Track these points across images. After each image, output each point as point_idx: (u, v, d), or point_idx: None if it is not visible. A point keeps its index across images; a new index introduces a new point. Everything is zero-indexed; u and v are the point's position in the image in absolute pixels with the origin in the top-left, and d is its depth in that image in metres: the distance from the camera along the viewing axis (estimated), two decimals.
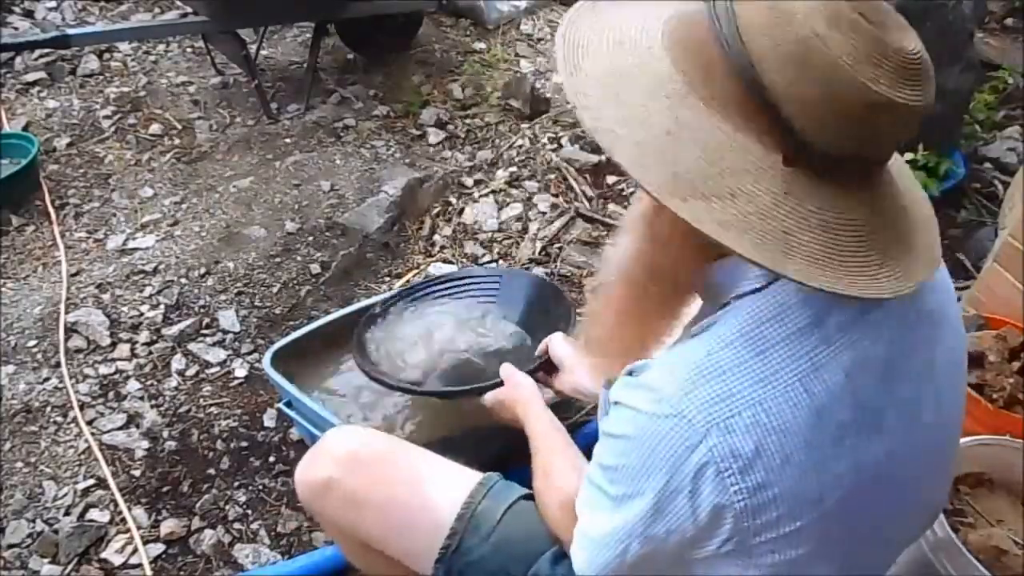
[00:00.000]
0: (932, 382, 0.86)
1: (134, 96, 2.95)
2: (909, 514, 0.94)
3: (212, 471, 1.82)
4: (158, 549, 1.67)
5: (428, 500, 1.16)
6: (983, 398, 1.59)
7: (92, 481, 1.78)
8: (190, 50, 3.23)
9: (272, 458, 1.85)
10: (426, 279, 1.97)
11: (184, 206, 2.50)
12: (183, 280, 2.24)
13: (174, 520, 1.71)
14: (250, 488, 1.79)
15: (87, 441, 1.85)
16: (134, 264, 2.28)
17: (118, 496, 1.75)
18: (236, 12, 2.73)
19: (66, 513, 1.72)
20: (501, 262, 2.36)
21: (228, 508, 1.75)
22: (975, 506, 1.44)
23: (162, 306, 2.16)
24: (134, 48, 3.19)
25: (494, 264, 2.34)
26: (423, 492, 1.16)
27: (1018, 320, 1.73)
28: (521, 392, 1.33)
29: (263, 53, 3.17)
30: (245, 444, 1.87)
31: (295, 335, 1.76)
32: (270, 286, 2.25)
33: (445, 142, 2.84)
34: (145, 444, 1.86)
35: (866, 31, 0.70)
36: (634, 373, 0.83)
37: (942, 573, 1.29)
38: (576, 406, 1.69)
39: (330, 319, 1.82)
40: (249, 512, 1.75)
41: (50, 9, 3.37)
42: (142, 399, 1.95)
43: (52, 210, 2.46)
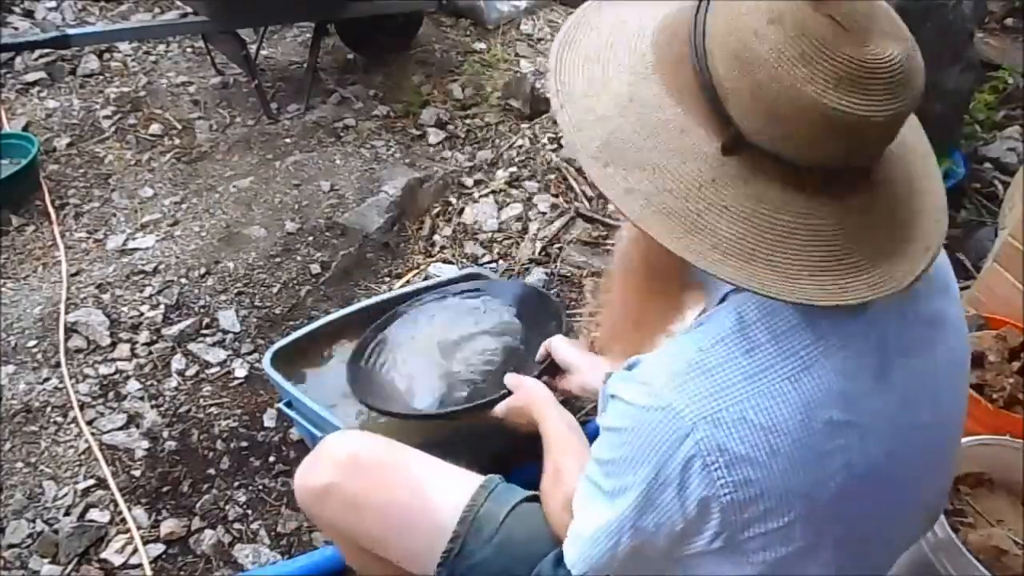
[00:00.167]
0: (931, 383, 0.86)
1: (134, 96, 2.95)
2: (908, 515, 0.94)
3: (212, 471, 1.82)
4: (158, 549, 1.67)
5: (429, 503, 1.16)
6: (983, 398, 1.59)
7: (92, 481, 1.78)
8: (190, 50, 3.23)
9: (272, 458, 1.85)
10: (400, 296, 1.91)
11: (184, 206, 2.50)
12: (183, 280, 2.24)
13: (174, 520, 1.71)
14: (250, 488, 1.79)
15: (87, 441, 1.85)
16: (134, 264, 2.28)
17: (118, 496, 1.75)
18: (236, 12, 2.73)
19: (66, 513, 1.72)
20: (501, 262, 2.36)
21: (228, 508, 1.75)
22: (975, 506, 1.44)
23: (162, 306, 2.16)
24: (134, 48, 3.19)
25: (494, 264, 2.34)
26: (424, 495, 1.16)
27: (1018, 320, 1.73)
28: (534, 396, 1.32)
29: (263, 53, 3.17)
30: (245, 444, 1.87)
31: (295, 335, 1.76)
32: (270, 286, 2.25)
33: (445, 142, 2.84)
34: (145, 444, 1.86)
35: (815, 32, 0.69)
36: (631, 367, 0.84)
37: (942, 573, 1.29)
38: (577, 405, 1.69)
39: (330, 319, 1.82)
40: (249, 512, 1.75)
41: (50, 9, 3.36)
42: (142, 399, 1.95)
43: (52, 210, 2.46)
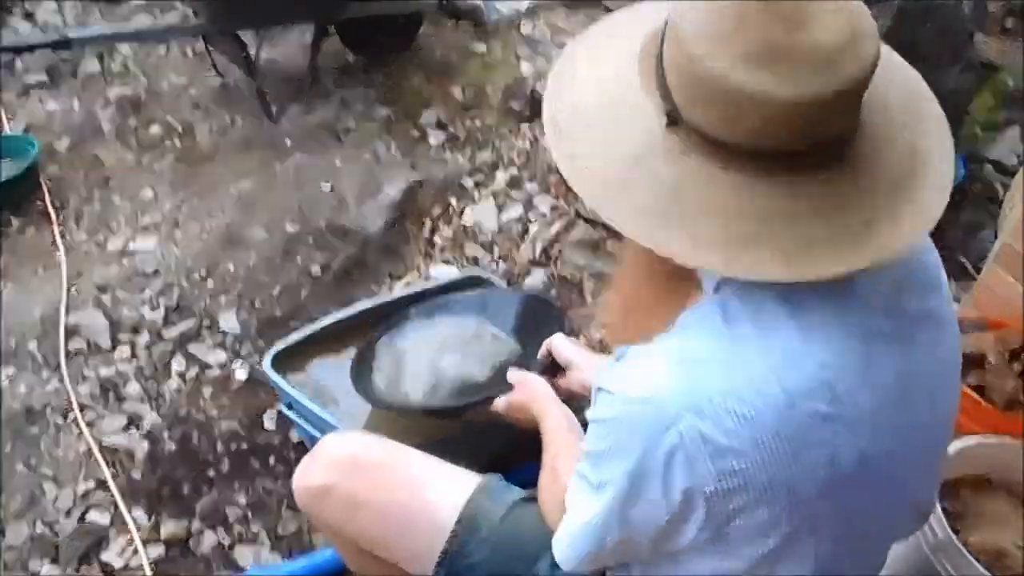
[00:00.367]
0: (921, 381, 0.86)
1: (135, 98, 2.94)
2: (896, 514, 0.94)
3: (212, 473, 1.82)
4: (158, 551, 1.67)
5: (428, 503, 1.16)
6: (983, 399, 1.58)
7: (92, 483, 1.78)
8: (191, 52, 3.23)
9: (272, 460, 1.85)
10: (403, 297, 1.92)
11: (185, 208, 2.50)
12: (183, 282, 2.24)
13: (174, 522, 1.71)
14: (250, 490, 1.79)
15: (87, 443, 1.85)
16: (134, 266, 2.28)
17: (118, 498, 1.75)
18: (236, 14, 2.73)
19: (66, 515, 1.72)
20: (501, 264, 2.36)
21: (228, 510, 1.75)
22: (975, 506, 1.44)
23: (162, 308, 2.16)
24: (135, 50, 3.19)
25: (494, 266, 2.34)
26: (423, 495, 1.17)
27: (1018, 321, 1.72)
28: (536, 392, 1.31)
29: (263, 55, 3.16)
30: (245, 446, 1.87)
31: (296, 337, 1.76)
32: (270, 288, 2.24)
33: (446, 144, 2.84)
34: (145, 446, 1.86)
35: (733, 11, 0.72)
36: (619, 359, 0.84)
37: (942, 574, 1.29)
38: (575, 405, 1.69)
39: (331, 321, 1.83)
40: (249, 514, 1.75)
41: (51, 12, 3.36)
42: (142, 401, 1.95)
43: (52, 212, 2.45)
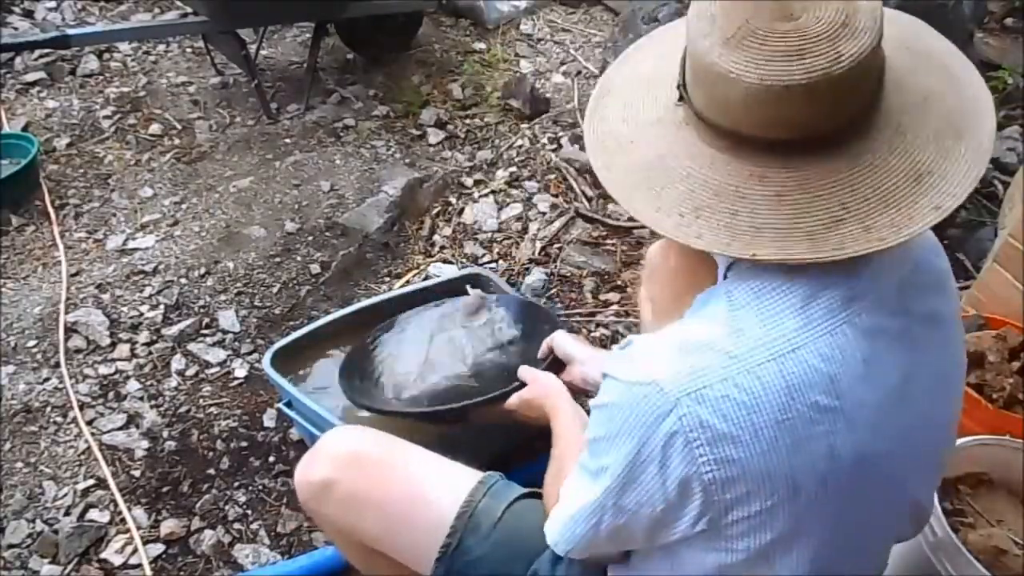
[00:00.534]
0: (925, 381, 0.86)
1: (134, 96, 2.95)
2: (896, 513, 0.94)
3: (212, 471, 1.82)
4: (158, 549, 1.67)
5: (428, 499, 1.16)
6: (983, 398, 1.58)
7: (92, 481, 1.78)
8: (190, 50, 3.23)
9: (272, 458, 1.85)
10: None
11: (184, 206, 2.50)
12: (183, 280, 2.24)
13: (174, 520, 1.71)
14: (250, 488, 1.79)
15: (87, 441, 1.85)
16: (134, 264, 2.28)
17: (118, 496, 1.75)
18: (236, 12, 2.73)
19: (66, 513, 1.72)
20: (501, 262, 2.35)
21: (228, 508, 1.75)
22: (975, 506, 1.44)
23: (162, 306, 2.16)
24: (134, 48, 3.19)
25: (494, 264, 2.34)
26: (423, 491, 1.17)
27: (1018, 320, 1.72)
28: (549, 389, 1.31)
29: (263, 53, 3.17)
30: (245, 444, 1.87)
31: (295, 335, 1.76)
32: (270, 286, 2.24)
33: (445, 142, 2.84)
34: (145, 444, 1.86)
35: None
36: (625, 346, 0.85)
37: (942, 573, 1.29)
38: (578, 400, 1.69)
39: (330, 319, 1.82)
40: (249, 512, 1.75)
41: (50, 9, 3.36)
42: (142, 399, 1.95)
43: (52, 210, 2.46)
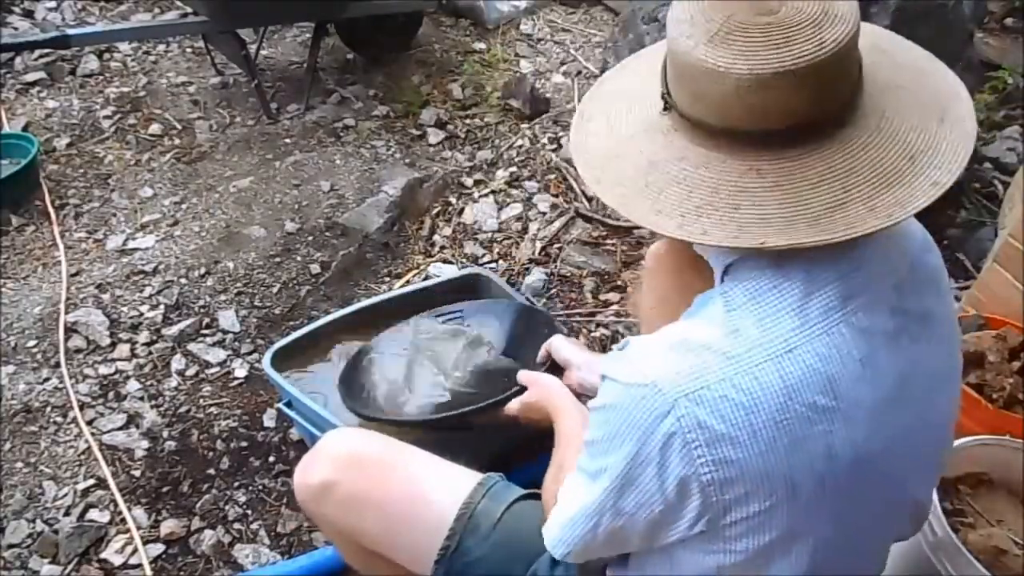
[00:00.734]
0: (922, 380, 0.86)
1: (134, 96, 2.95)
2: (894, 513, 0.94)
3: (212, 471, 1.82)
4: (158, 549, 1.67)
5: (427, 501, 1.16)
6: (983, 398, 1.58)
7: (92, 481, 1.78)
8: (190, 50, 3.23)
9: (272, 458, 1.85)
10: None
11: (184, 206, 2.50)
12: (183, 280, 2.24)
13: (174, 520, 1.71)
14: (250, 488, 1.79)
15: (87, 441, 1.85)
16: (134, 264, 2.28)
17: (118, 496, 1.75)
18: (236, 12, 2.73)
19: (66, 513, 1.72)
20: (501, 262, 2.35)
21: (228, 508, 1.75)
22: (975, 506, 1.44)
23: (162, 306, 2.16)
24: (134, 48, 3.19)
25: (494, 264, 2.34)
26: (422, 493, 1.17)
27: (1018, 320, 1.72)
28: (551, 391, 1.30)
29: (263, 53, 3.17)
30: (245, 444, 1.87)
31: (295, 335, 1.76)
32: (270, 286, 2.25)
33: (445, 142, 2.84)
34: (145, 444, 1.86)
35: None
36: (624, 348, 0.84)
37: (942, 573, 1.29)
38: None
39: (330, 319, 1.82)
40: (249, 512, 1.75)
41: (50, 9, 3.36)
42: (142, 399, 1.95)
43: (52, 210, 2.46)
